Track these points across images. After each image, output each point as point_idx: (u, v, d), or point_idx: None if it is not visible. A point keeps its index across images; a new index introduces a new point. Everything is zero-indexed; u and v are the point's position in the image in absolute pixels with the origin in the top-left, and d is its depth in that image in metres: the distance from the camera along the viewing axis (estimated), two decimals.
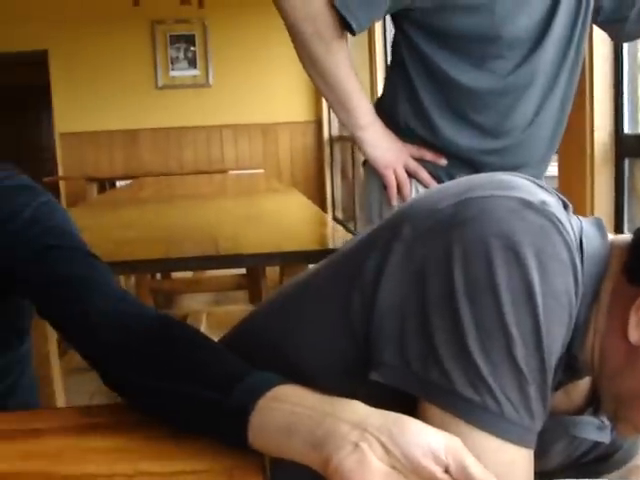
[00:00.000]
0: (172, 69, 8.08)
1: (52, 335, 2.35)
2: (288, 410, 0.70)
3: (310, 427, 0.67)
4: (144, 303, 0.95)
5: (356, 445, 0.63)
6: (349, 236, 2.25)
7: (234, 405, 0.73)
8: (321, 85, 1.65)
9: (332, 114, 7.77)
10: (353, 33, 1.57)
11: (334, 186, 7.98)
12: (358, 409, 0.68)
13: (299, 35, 1.59)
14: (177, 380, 0.80)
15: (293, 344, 0.89)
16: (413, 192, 1.68)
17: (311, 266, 1.07)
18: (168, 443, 0.78)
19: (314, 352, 0.86)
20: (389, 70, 1.74)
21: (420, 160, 1.66)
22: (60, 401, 2.27)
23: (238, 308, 4.11)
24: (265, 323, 0.98)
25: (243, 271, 4.54)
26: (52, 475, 0.73)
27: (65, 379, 2.76)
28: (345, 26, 1.55)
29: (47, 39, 7.77)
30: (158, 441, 0.78)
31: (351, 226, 6.83)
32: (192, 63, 8.09)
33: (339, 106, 1.66)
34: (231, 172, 7.11)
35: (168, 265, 2.25)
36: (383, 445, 0.63)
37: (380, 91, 1.79)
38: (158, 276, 4.81)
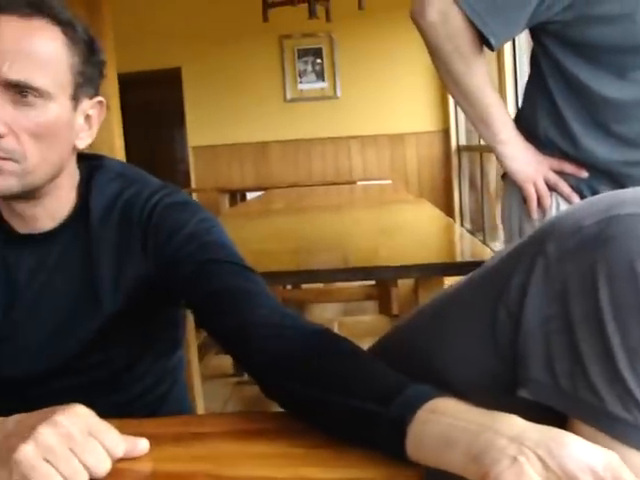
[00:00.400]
0: (300, 82, 8.23)
1: (193, 343, 2.44)
2: (446, 422, 0.71)
3: (468, 440, 0.68)
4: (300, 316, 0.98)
5: (514, 459, 0.64)
6: (483, 248, 2.24)
7: (393, 416, 0.75)
8: (461, 100, 1.66)
9: (460, 123, 7.72)
10: (492, 49, 1.57)
11: (462, 196, 7.91)
12: (516, 423, 0.68)
13: (438, 52, 1.60)
14: (338, 392, 0.82)
15: (440, 359, 0.90)
16: (554, 205, 1.67)
17: (453, 280, 1.08)
18: (330, 451, 0.80)
19: (461, 367, 0.88)
20: (528, 83, 1.73)
21: (560, 173, 1.65)
22: (200, 407, 2.35)
23: (368, 318, 4.14)
24: (411, 338, 0.99)
25: (373, 281, 4.57)
26: (218, 477, 0.77)
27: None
28: (484, 42, 1.56)
29: (180, 57, 8.09)
30: (320, 449, 0.81)
31: (479, 237, 6.75)
32: (320, 76, 8.21)
33: (479, 121, 1.66)
34: (359, 183, 7.17)
35: (300, 277, 2.29)
36: (541, 459, 0.63)
37: (509, 102, 1.79)
38: (289, 286, 4.89)
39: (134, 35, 7.41)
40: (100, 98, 1.14)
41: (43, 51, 1.02)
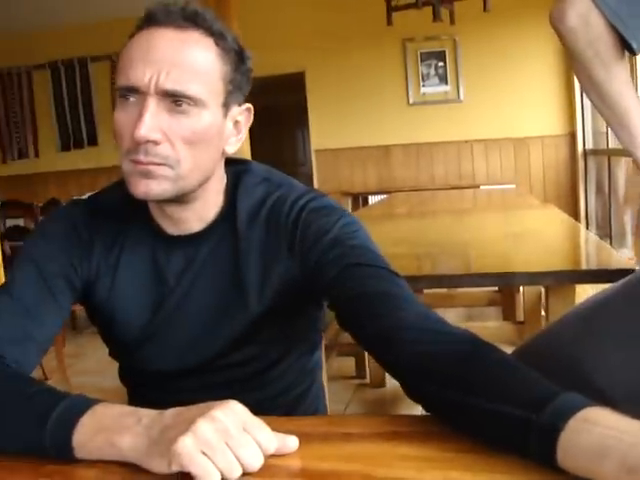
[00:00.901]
0: (423, 85, 8.19)
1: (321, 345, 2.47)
2: (599, 432, 0.71)
3: (623, 450, 0.68)
4: (447, 322, 0.99)
5: None
6: (617, 256, 2.19)
7: (545, 424, 0.75)
8: (600, 105, 1.63)
9: (587, 126, 7.51)
10: (634, 53, 1.54)
11: (588, 202, 7.70)
12: None
13: (579, 58, 1.58)
14: (487, 397, 0.83)
15: (592, 366, 0.90)
16: None
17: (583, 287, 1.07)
18: (478, 456, 0.81)
19: (617, 375, 0.87)
20: None
21: None
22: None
23: (494, 324, 4.10)
24: (559, 344, 0.99)
25: (496, 287, 4.51)
26: (369, 477, 0.79)
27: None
28: (625, 47, 1.53)
29: (304, 61, 8.21)
30: (468, 453, 0.82)
31: (606, 243, 6.55)
32: (443, 79, 8.14)
33: (619, 126, 1.63)
34: (482, 187, 7.08)
35: (424, 282, 2.28)
36: None
37: None
38: None
39: (259, 41, 7.52)
40: (248, 105, 1.19)
41: (197, 61, 1.08)
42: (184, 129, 1.07)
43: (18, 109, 9.50)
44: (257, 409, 0.86)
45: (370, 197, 7.54)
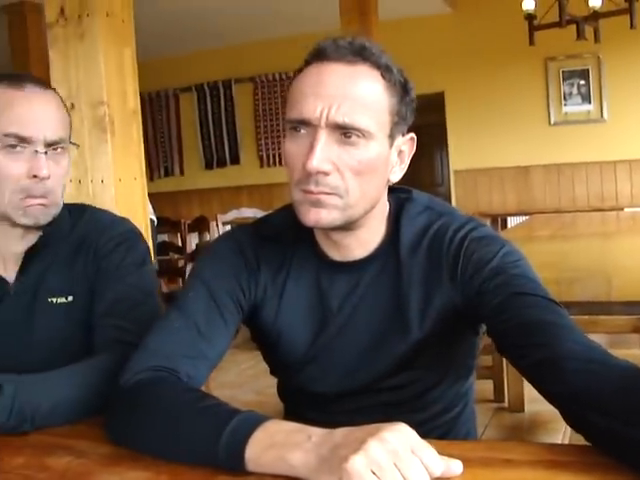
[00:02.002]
0: (565, 104, 8.02)
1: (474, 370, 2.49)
2: None
3: None
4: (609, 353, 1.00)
5: None
6: None
7: None
8: None
9: None
10: None
11: None
12: None
13: None
14: None
15: None
16: None
17: None
18: None
19: None
20: None
21: None
22: None
23: (633, 352, 3.96)
24: None
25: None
26: None
27: None
28: None
29: (444, 81, 8.21)
30: None
31: None
32: (586, 98, 7.95)
33: None
34: (626, 210, 6.86)
35: (569, 308, 2.26)
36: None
37: None
38: None
39: (399, 61, 7.57)
40: (412, 134, 1.23)
41: (366, 94, 1.13)
42: (353, 160, 1.12)
43: (165, 129, 9.95)
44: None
45: (509, 218, 7.44)
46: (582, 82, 7.97)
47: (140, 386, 1.09)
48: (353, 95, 1.11)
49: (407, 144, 1.23)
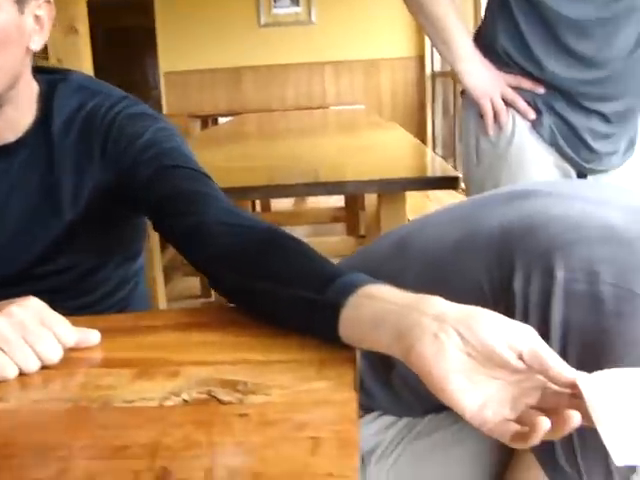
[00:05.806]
0: (275, 7, 8.10)
1: (158, 264, 2.51)
2: (377, 306, 0.76)
3: (395, 321, 0.73)
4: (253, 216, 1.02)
5: (435, 335, 0.68)
6: (447, 167, 2.28)
7: (328, 302, 0.79)
8: (423, 21, 1.73)
9: (435, 50, 7.66)
10: None
11: (435, 122, 7.91)
12: (439, 303, 0.73)
13: None
14: (281, 283, 0.86)
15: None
16: (510, 121, 1.70)
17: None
18: (273, 339, 0.85)
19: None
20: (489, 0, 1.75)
21: (518, 89, 1.68)
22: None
23: (335, 239, 4.18)
24: (374, 265, 1.02)
25: (341, 204, 4.61)
26: (167, 361, 0.82)
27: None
28: None
29: None
30: (264, 337, 0.86)
31: (451, 163, 6.77)
32: (295, 1, 8.08)
33: (440, 41, 1.72)
34: (332, 108, 7.14)
35: (271, 192, 2.33)
36: (460, 334, 0.68)
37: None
38: (258, 208, 4.92)
39: None
40: None
41: None
42: None
43: None
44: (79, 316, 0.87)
45: (220, 119, 7.44)
46: None
47: None
48: None
49: (44, 8, 1.13)
